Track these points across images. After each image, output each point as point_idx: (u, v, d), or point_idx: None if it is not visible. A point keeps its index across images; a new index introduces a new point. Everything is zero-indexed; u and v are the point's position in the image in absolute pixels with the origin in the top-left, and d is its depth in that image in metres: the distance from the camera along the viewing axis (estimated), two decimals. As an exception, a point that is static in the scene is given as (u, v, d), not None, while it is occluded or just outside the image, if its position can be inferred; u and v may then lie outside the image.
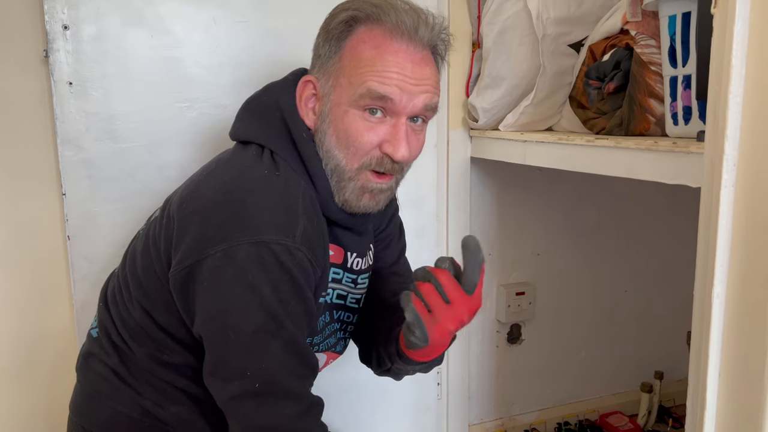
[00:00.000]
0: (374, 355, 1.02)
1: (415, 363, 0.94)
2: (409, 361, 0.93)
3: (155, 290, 0.85)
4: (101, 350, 0.92)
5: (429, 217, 1.46)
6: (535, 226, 1.68)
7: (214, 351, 0.80)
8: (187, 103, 1.21)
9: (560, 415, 1.79)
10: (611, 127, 1.11)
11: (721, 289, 0.72)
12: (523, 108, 1.31)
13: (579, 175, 1.19)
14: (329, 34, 0.85)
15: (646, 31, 1.04)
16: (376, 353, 1.01)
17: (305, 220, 0.80)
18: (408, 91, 0.82)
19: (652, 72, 1.02)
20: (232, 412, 0.80)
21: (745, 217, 0.70)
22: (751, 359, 0.70)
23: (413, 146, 0.86)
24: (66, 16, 1.11)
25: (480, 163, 1.52)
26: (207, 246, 0.77)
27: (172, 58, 1.19)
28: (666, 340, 1.88)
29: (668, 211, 1.79)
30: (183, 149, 1.22)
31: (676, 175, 0.90)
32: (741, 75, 0.68)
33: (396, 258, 1.08)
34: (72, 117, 1.14)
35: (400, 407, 1.52)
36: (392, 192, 0.91)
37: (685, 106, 0.94)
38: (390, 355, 0.96)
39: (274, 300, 0.77)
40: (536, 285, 1.71)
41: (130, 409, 0.89)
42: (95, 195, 1.18)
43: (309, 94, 0.88)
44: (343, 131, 0.84)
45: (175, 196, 0.87)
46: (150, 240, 0.87)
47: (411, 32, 0.82)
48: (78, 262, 1.20)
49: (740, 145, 0.69)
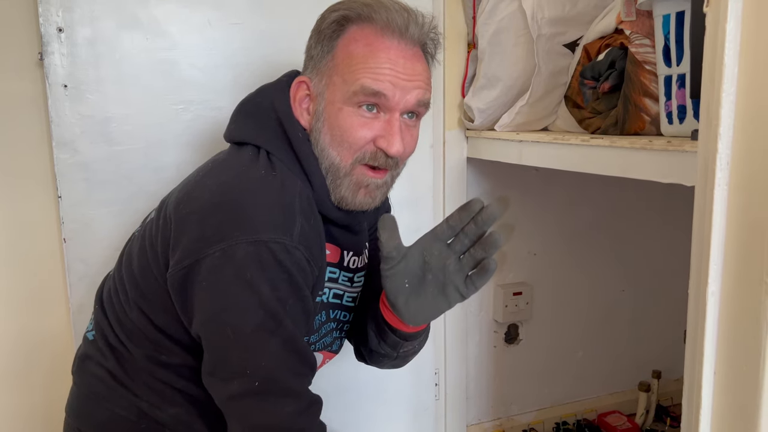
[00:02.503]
0: (367, 345, 1.01)
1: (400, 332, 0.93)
2: (395, 330, 0.93)
3: (152, 291, 0.85)
4: (98, 352, 0.92)
5: (425, 218, 1.46)
6: (532, 226, 1.68)
7: (213, 350, 0.80)
8: (182, 105, 1.21)
9: (558, 415, 1.79)
10: (606, 127, 1.11)
11: (715, 288, 0.72)
12: (519, 108, 1.31)
13: (575, 175, 1.19)
14: (321, 35, 0.87)
15: (640, 30, 1.04)
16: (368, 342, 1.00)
17: (302, 220, 0.81)
18: (401, 86, 0.83)
19: (646, 71, 1.03)
20: (232, 412, 0.80)
21: (738, 216, 0.70)
22: (745, 358, 0.70)
23: (407, 141, 0.87)
24: (61, 18, 1.11)
25: (476, 163, 1.52)
26: (205, 246, 0.77)
27: (167, 61, 1.19)
28: (663, 339, 1.88)
29: (665, 210, 1.80)
30: (179, 151, 1.22)
31: (670, 174, 0.90)
32: (734, 74, 0.68)
33: None
34: (67, 120, 1.14)
35: (398, 407, 1.52)
36: (388, 188, 0.92)
37: (680, 105, 0.95)
38: (379, 329, 0.95)
39: (272, 298, 0.77)
40: (533, 285, 1.71)
41: (127, 411, 0.89)
42: (91, 198, 1.18)
43: (303, 95, 0.89)
44: (338, 128, 0.85)
45: (172, 198, 0.87)
46: (146, 241, 0.87)
47: (401, 30, 0.84)
48: (74, 265, 1.19)
49: (733, 143, 0.69)
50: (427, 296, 0.85)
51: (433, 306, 0.87)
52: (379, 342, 0.97)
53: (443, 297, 0.85)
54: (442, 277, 0.84)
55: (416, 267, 0.85)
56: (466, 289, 0.84)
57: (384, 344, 0.97)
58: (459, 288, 0.84)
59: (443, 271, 0.84)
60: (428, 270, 0.84)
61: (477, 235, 0.82)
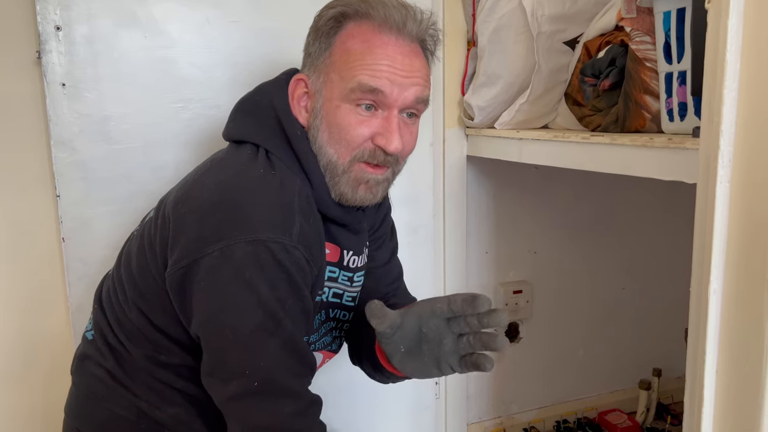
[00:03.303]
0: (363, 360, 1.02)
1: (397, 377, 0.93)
2: (388, 373, 0.92)
3: (151, 291, 0.85)
4: (97, 352, 0.92)
5: (425, 216, 1.45)
6: (532, 224, 1.68)
7: (212, 351, 0.80)
8: (181, 103, 1.21)
9: (559, 414, 1.79)
10: (607, 124, 1.11)
11: (717, 285, 0.72)
12: (519, 106, 1.31)
13: (575, 173, 1.19)
14: (319, 32, 0.86)
15: (640, 27, 1.04)
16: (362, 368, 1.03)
17: (302, 219, 0.80)
18: (398, 83, 0.83)
19: (647, 68, 1.02)
20: (231, 412, 0.79)
21: (740, 213, 0.69)
22: (747, 355, 0.69)
23: (406, 139, 0.86)
24: (58, 17, 1.11)
25: (476, 161, 1.52)
26: (203, 245, 0.77)
27: (166, 59, 1.19)
28: (664, 337, 1.88)
29: (666, 207, 1.79)
30: (178, 150, 1.22)
31: (671, 171, 0.90)
32: (735, 70, 0.68)
33: (388, 258, 1.08)
34: (65, 119, 1.14)
35: (398, 407, 1.51)
36: (389, 184, 0.91)
37: (681, 102, 0.94)
38: (374, 364, 0.96)
39: (271, 298, 0.76)
40: (534, 283, 1.71)
41: (127, 410, 0.88)
42: (90, 197, 1.17)
43: (301, 93, 0.88)
44: (336, 126, 0.84)
45: (170, 197, 0.87)
46: (145, 241, 0.87)
47: (399, 26, 0.83)
48: (73, 265, 1.19)
49: (735, 140, 0.69)
50: (422, 362, 0.84)
51: (427, 371, 0.85)
52: (373, 374, 1.00)
53: (436, 369, 0.84)
54: (437, 352, 0.82)
55: (412, 334, 0.82)
56: (459, 368, 0.83)
57: (380, 375, 0.99)
58: (453, 366, 0.83)
59: (439, 346, 0.81)
60: (425, 341, 0.82)
61: (477, 329, 0.80)
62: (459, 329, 0.80)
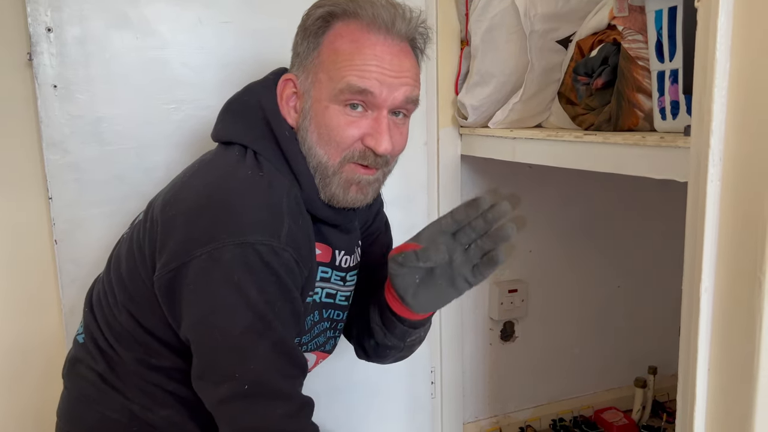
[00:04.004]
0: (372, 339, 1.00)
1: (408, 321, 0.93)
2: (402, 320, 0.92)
3: (141, 294, 0.84)
4: (88, 355, 0.91)
5: (420, 216, 1.45)
6: (527, 223, 1.68)
7: (202, 354, 0.79)
8: (173, 104, 1.21)
9: (555, 412, 1.79)
10: (600, 123, 1.11)
11: (708, 284, 0.72)
12: (512, 105, 1.31)
13: (569, 172, 1.19)
14: (307, 32, 0.85)
15: (633, 26, 1.04)
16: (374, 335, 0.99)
17: (290, 221, 0.80)
18: (388, 84, 0.82)
19: (639, 67, 1.02)
20: (222, 415, 0.79)
21: (731, 211, 0.70)
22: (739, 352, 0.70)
23: (396, 139, 0.86)
24: (49, 18, 1.10)
25: (470, 160, 1.52)
26: (192, 248, 0.76)
27: (158, 60, 1.18)
28: (659, 334, 1.88)
29: (659, 205, 1.79)
30: (170, 151, 1.21)
31: (663, 170, 0.90)
32: (725, 69, 0.68)
33: (383, 253, 1.07)
34: (57, 120, 1.13)
35: (394, 406, 1.51)
36: (380, 184, 0.91)
37: (673, 100, 0.94)
38: (385, 321, 0.95)
39: (260, 301, 0.76)
40: (529, 282, 1.71)
41: (119, 413, 0.88)
42: (82, 198, 1.17)
43: (290, 93, 0.88)
44: (325, 127, 0.83)
45: (158, 199, 0.86)
46: (134, 243, 0.87)
47: (388, 25, 0.82)
48: (66, 267, 1.19)
49: (726, 139, 0.69)
50: (436, 288, 0.86)
51: (443, 296, 0.87)
52: (385, 334, 0.97)
53: (452, 288, 0.85)
54: (450, 270, 0.84)
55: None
56: (473, 278, 0.84)
57: (391, 336, 0.97)
58: (467, 278, 0.84)
59: (450, 264, 0.83)
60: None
61: (485, 230, 0.81)
62: (466, 239, 0.82)
